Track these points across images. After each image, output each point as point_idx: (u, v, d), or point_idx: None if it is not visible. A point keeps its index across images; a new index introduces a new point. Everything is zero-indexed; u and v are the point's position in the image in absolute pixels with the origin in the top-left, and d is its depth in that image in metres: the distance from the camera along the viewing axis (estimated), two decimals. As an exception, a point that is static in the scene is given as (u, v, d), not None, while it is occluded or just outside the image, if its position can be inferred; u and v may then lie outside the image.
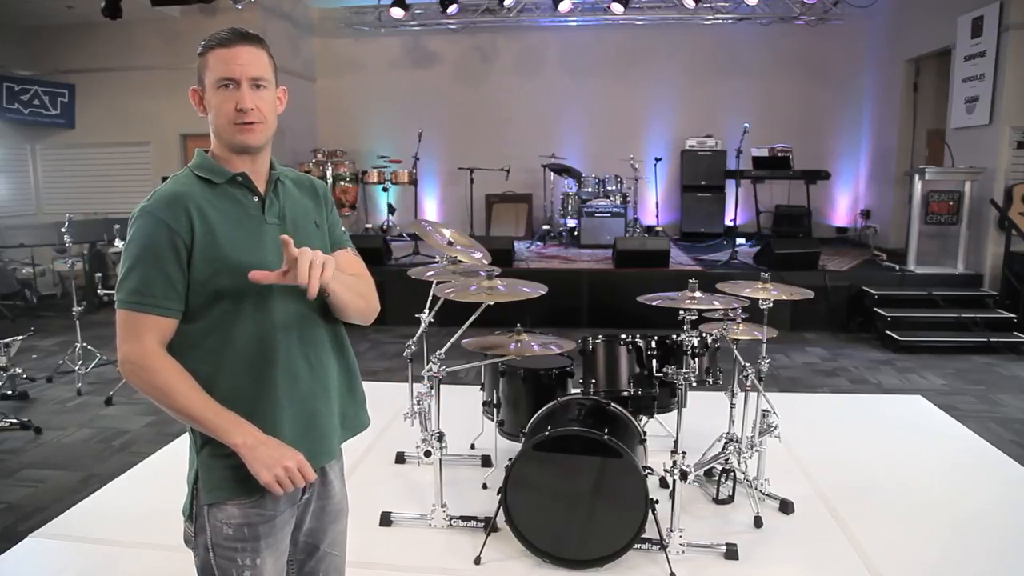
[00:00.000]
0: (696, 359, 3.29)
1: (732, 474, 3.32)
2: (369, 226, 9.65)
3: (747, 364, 3.17)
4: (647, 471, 2.75)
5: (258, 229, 1.47)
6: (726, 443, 3.36)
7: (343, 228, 1.71)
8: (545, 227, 9.06)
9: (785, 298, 3.16)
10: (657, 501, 2.71)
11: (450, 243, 3.26)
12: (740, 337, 3.31)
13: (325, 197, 1.66)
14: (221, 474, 1.44)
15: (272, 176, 1.54)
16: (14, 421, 4.27)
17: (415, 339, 3.28)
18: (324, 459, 1.58)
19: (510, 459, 2.75)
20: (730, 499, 3.28)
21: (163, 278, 1.38)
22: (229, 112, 1.42)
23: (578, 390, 3.28)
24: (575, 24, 9.56)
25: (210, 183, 1.46)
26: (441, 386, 3.00)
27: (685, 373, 2.81)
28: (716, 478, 3.33)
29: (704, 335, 3.32)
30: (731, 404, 3.41)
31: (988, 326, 6.10)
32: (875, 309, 6.37)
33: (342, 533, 1.70)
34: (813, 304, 4.91)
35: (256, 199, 1.49)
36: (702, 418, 3.68)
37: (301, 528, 1.60)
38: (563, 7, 8.48)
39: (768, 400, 3.20)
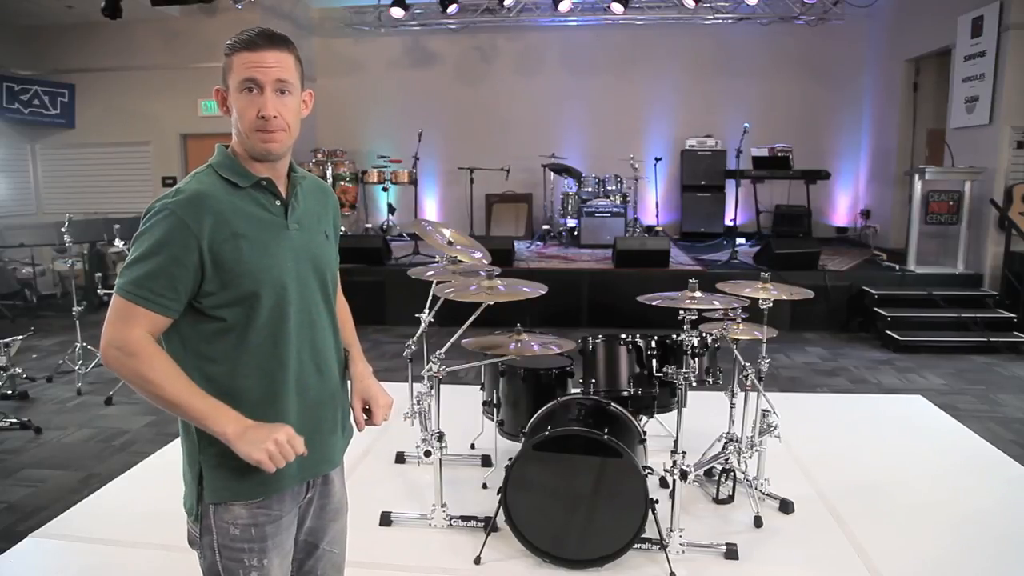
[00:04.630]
0: (696, 359, 3.28)
1: (732, 474, 3.32)
2: (369, 226, 9.65)
3: (747, 364, 3.17)
4: (647, 471, 2.75)
5: (280, 234, 1.47)
6: (726, 443, 3.35)
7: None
8: (545, 227, 9.06)
9: (785, 298, 3.15)
10: (657, 501, 2.71)
11: (450, 243, 3.26)
12: (740, 337, 3.30)
13: (335, 208, 1.67)
14: (228, 473, 1.43)
15: (292, 180, 1.53)
16: (14, 421, 4.26)
17: (415, 339, 3.28)
18: (326, 467, 1.60)
19: (510, 459, 2.75)
20: (730, 499, 3.28)
21: (167, 276, 1.34)
22: (252, 118, 1.41)
23: (578, 390, 3.28)
24: (575, 24, 9.56)
25: (234, 185, 1.44)
26: (441, 386, 3.00)
27: (685, 373, 2.81)
28: (716, 478, 3.33)
29: (704, 335, 3.32)
30: (731, 404, 3.41)
31: (988, 326, 6.10)
32: (875, 309, 6.37)
33: (341, 531, 1.71)
34: (813, 304, 4.92)
35: (279, 203, 1.49)
36: (702, 418, 3.68)
37: (302, 527, 1.60)
38: (563, 7, 8.49)
39: (768, 400, 3.20)
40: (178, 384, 1.35)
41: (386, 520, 3.10)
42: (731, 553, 2.82)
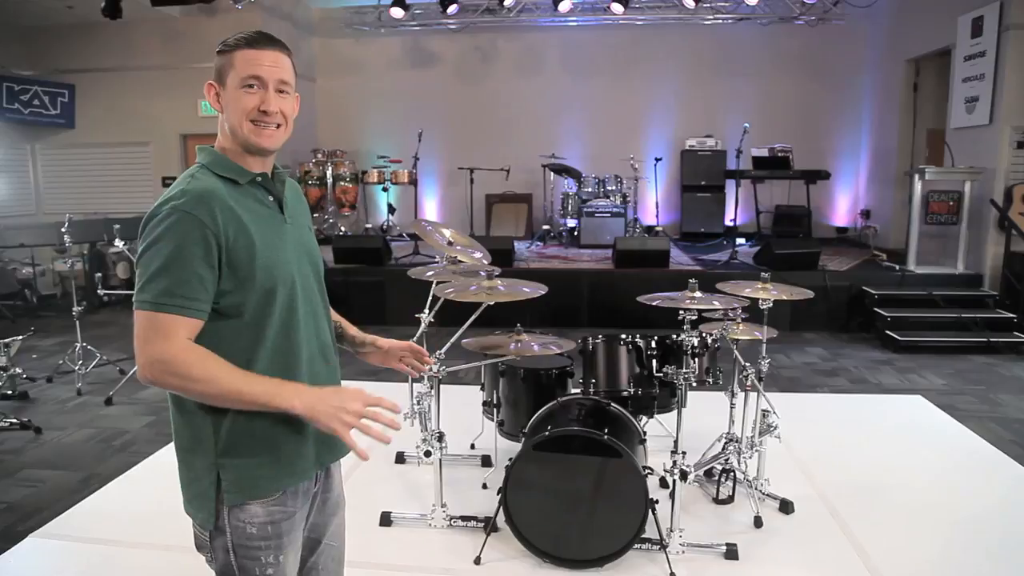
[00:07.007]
0: (696, 359, 3.28)
1: (732, 474, 3.32)
2: (369, 226, 9.65)
3: (747, 364, 3.17)
4: (647, 471, 2.75)
5: (280, 228, 1.49)
6: (726, 443, 3.36)
7: None
8: (545, 227, 9.06)
9: (785, 298, 3.15)
10: (657, 501, 2.71)
11: (450, 243, 3.26)
12: (740, 337, 3.31)
13: (306, 204, 1.70)
14: (248, 474, 1.43)
15: (277, 176, 1.55)
16: (14, 421, 4.26)
17: (415, 339, 3.26)
18: (340, 454, 1.62)
19: (510, 459, 2.75)
20: (730, 499, 3.28)
21: (196, 278, 1.32)
22: (249, 109, 1.41)
23: (578, 390, 3.28)
24: (575, 24, 9.56)
25: (233, 183, 1.44)
26: (441, 386, 3.00)
27: (685, 373, 2.81)
28: (716, 478, 3.33)
29: (704, 335, 3.32)
30: (731, 404, 3.41)
31: (988, 326, 6.09)
32: (875, 309, 6.37)
33: (341, 524, 1.73)
34: (813, 304, 4.91)
35: (272, 199, 1.51)
36: (702, 418, 3.68)
37: (305, 523, 1.61)
38: (563, 7, 8.49)
39: (768, 400, 3.20)
40: (231, 376, 1.33)
41: (386, 520, 3.10)
42: (731, 553, 2.82)
